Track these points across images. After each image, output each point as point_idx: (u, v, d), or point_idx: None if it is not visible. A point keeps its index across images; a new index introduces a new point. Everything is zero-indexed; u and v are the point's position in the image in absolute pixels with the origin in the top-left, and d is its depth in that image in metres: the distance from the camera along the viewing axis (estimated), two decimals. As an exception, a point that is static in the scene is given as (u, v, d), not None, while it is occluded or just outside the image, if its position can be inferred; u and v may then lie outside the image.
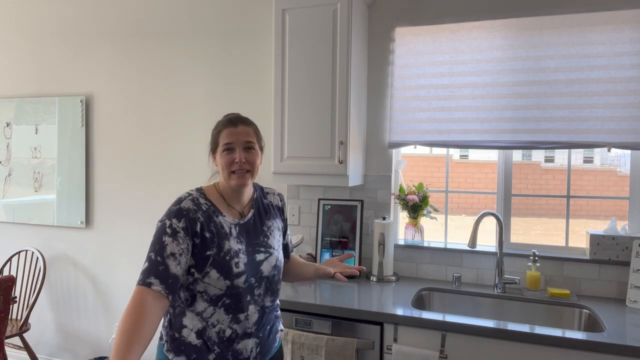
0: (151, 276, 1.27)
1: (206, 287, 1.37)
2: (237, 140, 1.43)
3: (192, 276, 1.37)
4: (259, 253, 1.46)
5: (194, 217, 1.36)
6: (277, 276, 1.51)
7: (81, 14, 3.16)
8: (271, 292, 1.50)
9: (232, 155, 1.43)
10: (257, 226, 1.50)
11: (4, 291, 2.59)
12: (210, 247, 1.37)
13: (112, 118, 3.10)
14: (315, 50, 2.27)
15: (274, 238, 1.53)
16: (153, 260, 1.29)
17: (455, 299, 2.26)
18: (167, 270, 1.29)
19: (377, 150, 2.55)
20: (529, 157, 12.46)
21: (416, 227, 2.50)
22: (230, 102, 2.80)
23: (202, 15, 2.86)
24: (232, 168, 1.42)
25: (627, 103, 2.12)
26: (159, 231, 1.34)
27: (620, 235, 2.16)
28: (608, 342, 1.62)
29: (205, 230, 1.37)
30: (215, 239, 1.38)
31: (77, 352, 3.25)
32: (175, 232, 1.32)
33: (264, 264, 1.46)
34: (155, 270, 1.28)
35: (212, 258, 1.36)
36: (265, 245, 1.49)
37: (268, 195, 1.60)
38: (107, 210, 3.13)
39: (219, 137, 1.45)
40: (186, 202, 1.39)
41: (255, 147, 1.46)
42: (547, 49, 2.22)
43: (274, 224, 1.55)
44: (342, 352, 1.89)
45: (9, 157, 3.37)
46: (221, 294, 1.38)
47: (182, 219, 1.34)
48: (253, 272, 1.42)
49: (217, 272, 1.36)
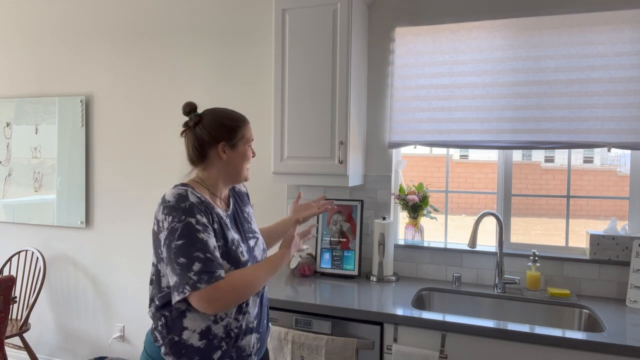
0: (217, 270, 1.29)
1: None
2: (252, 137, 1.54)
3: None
4: (250, 239, 1.51)
5: (204, 210, 1.36)
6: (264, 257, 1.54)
7: (81, 14, 3.16)
8: None
9: (251, 150, 1.52)
10: (240, 214, 1.54)
11: (4, 291, 2.59)
12: (218, 238, 1.37)
13: (112, 118, 3.10)
14: (315, 50, 2.27)
15: (255, 223, 1.60)
16: (203, 258, 1.28)
17: (455, 299, 2.26)
18: (219, 262, 1.32)
19: (377, 150, 2.55)
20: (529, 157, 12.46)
21: (416, 227, 2.50)
22: (231, 102, 2.80)
23: (202, 15, 2.86)
24: (249, 163, 1.54)
25: (627, 103, 2.12)
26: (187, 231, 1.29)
27: (620, 235, 2.16)
28: (608, 342, 1.62)
29: (212, 223, 1.38)
30: (221, 230, 1.39)
31: (77, 352, 3.25)
32: (205, 227, 1.33)
33: (256, 250, 1.51)
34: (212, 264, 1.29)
35: (221, 249, 1.37)
36: (252, 231, 1.54)
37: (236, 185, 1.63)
38: (107, 210, 3.13)
39: (243, 131, 1.48)
40: (191, 197, 1.36)
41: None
42: (547, 49, 2.22)
43: (249, 210, 1.61)
44: (342, 352, 1.89)
45: (9, 157, 3.37)
46: None
47: (199, 214, 1.34)
48: (252, 259, 1.47)
49: (227, 263, 1.37)
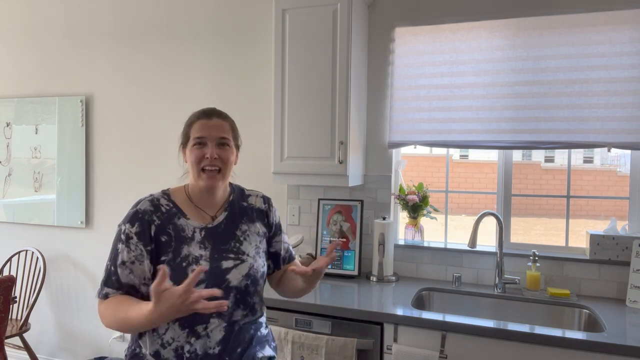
0: (105, 287, 1.24)
1: None
2: (209, 135, 1.30)
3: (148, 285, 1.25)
4: (226, 260, 1.30)
5: (148, 220, 1.26)
6: (252, 287, 1.32)
7: (81, 14, 3.16)
8: (244, 306, 1.31)
9: (202, 150, 1.30)
10: (229, 230, 1.35)
11: (4, 291, 2.59)
12: (166, 252, 1.25)
13: (112, 118, 3.10)
14: (315, 50, 2.27)
15: (249, 244, 1.36)
16: (108, 269, 1.26)
17: (455, 299, 2.26)
18: (119, 280, 1.24)
19: (377, 150, 2.55)
20: (529, 157, 12.46)
21: (416, 227, 2.50)
22: (230, 102, 2.80)
23: (202, 15, 2.86)
24: (202, 164, 1.29)
25: (627, 103, 2.12)
26: (115, 237, 1.28)
27: (620, 235, 2.16)
28: (608, 342, 1.62)
29: (162, 233, 1.26)
30: (172, 243, 1.26)
31: (77, 352, 3.25)
32: (128, 238, 1.25)
33: (232, 272, 1.29)
34: (109, 280, 1.25)
35: (167, 264, 1.24)
36: (237, 251, 1.32)
37: (249, 198, 1.45)
38: (107, 210, 3.13)
39: (190, 129, 1.32)
40: (143, 204, 1.29)
41: (230, 143, 1.34)
42: (547, 49, 2.22)
43: (251, 229, 1.39)
44: (342, 352, 1.89)
45: (9, 157, 3.37)
46: None
47: (136, 223, 1.26)
48: (216, 280, 1.26)
49: (170, 280, 1.21)
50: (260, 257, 1.37)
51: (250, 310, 1.33)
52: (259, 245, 1.39)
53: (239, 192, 1.46)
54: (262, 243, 1.41)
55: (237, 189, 1.47)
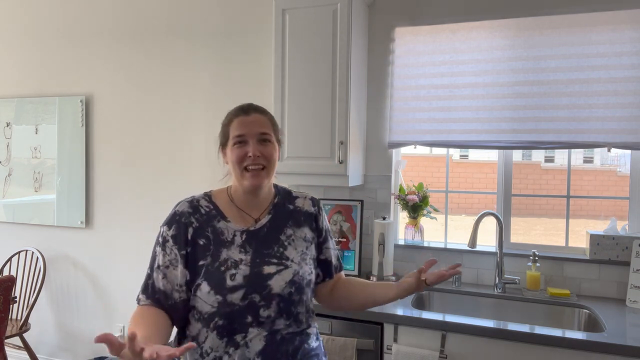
0: (141, 291, 1.20)
1: (199, 303, 1.18)
2: (249, 132, 1.22)
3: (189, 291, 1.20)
4: (268, 265, 1.21)
5: (185, 222, 1.21)
6: (297, 295, 1.22)
7: (81, 13, 3.16)
8: (287, 315, 1.20)
9: (244, 148, 1.22)
10: (272, 234, 1.26)
11: (4, 291, 2.59)
12: (204, 255, 1.19)
13: (112, 118, 3.10)
14: (315, 50, 2.27)
15: (294, 249, 1.27)
16: (147, 272, 1.22)
17: (455, 299, 2.26)
18: (154, 284, 1.19)
19: (377, 150, 2.55)
20: (529, 157, 12.46)
21: (416, 227, 2.50)
22: (230, 102, 2.80)
23: (202, 15, 2.86)
24: (244, 164, 1.22)
25: (627, 103, 2.12)
26: (156, 240, 1.24)
27: (620, 235, 2.16)
28: (608, 342, 1.62)
29: (200, 236, 1.21)
30: (210, 246, 1.20)
31: (77, 352, 3.25)
32: (165, 241, 1.21)
33: (274, 278, 1.19)
34: (145, 284, 1.20)
35: (205, 268, 1.18)
36: (280, 256, 1.24)
37: (297, 200, 1.36)
38: (107, 210, 3.13)
39: (229, 128, 1.25)
40: (182, 205, 1.25)
41: (271, 139, 1.25)
42: (547, 49, 2.22)
43: (297, 233, 1.30)
44: (342, 352, 1.89)
45: (9, 157, 3.37)
46: (213, 311, 1.16)
47: (173, 226, 1.21)
48: (256, 287, 1.17)
49: (207, 285, 1.16)
50: (307, 264, 1.27)
51: (295, 320, 1.22)
52: (305, 251, 1.28)
53: (284, 194, 1.36)
54: (310, 249, 1.31)
55: (282, 190, 1.38)
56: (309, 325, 1.27)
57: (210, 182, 2.86)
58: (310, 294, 1.28)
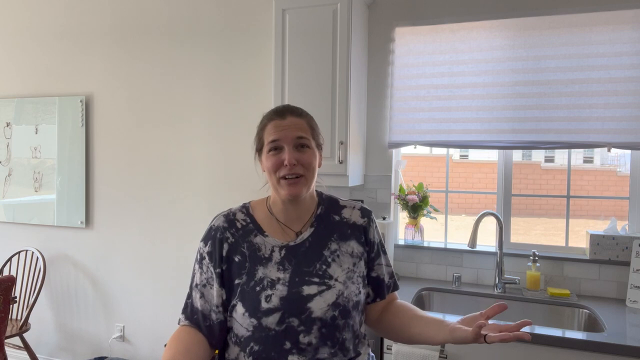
0: (181, 311, 1.15)
1: (235, 325, 1.09)
2: (285, 137, 1.10)
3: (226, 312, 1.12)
4: (309, 285, 1.08)
5: (221, 238, 1.13)
6: (342, 320, 1.08)
7: (81, 14, 3.16)
8: (332, 342, 1.07)
9: (279, 155, 1.11)
10: (314, 250, 1.13)
11: (4, 291, 2.59)
12: (240, 274, 1.10)
13: (112, 118, 3.10)
14: (315, 50, 2.27)
15: (339, 266, 1.12)
16: (188, 292, 1.15)
17: (455, 299, 2.26)
18: (192, 304, 1.13)
19: (377, 150, 2.55)
20: (529, 157, 12.46)
21: (416, 227, 2.50)
22: (230, 102, 2.80)
23: (202, 15, 2.86)
24: (281, 173, 1.11)
25: (627, 103, 2.12)
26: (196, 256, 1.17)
27: (620, 235, 2.16)
28: (608, 342, 1.62)
29: (236, 253, 1.11)
30: (246, 264, 1.10)
31: (77, 352, 3.25)
32: (202, 259, 1.14)
33: (314, 300, 1.06)
34: (185, 304, 1.15)
35: (241, 288, 1.09)
36: (323, 275, 1.10)
37: (344, 210, 1.22)
38: (107, 210, 3.13)
39: (263, 133, 1.14)
40: (217, 219, 1.16)
41: (309, 144, 1.13)
42: (547, 49, 2.22)
43: (344, 248, 1.16)
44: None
45: (9, 157, 3.37)
46: (248, 335, 1.07)
47: (209, 242, 1.14)
48: (295, 310, 1.05)
49: (242, 307, 1.07)
50: (353, 283, 1.12)
51: (340, 347, 1.08)
52: (352, 268, 1.14)
53: (329, 203, 1.23)
54: (358, 266, 1.16)
55: (327, 199, 1.24)
56: (358, 354, 1.12)
57: (209, 180, 2.86)
58: (358, 317, 1.14)
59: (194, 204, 2.91)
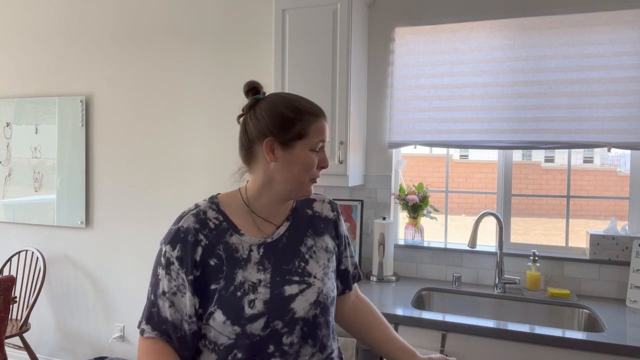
0: (144, 320, 1.03)
1: (213, 333, 1.02)
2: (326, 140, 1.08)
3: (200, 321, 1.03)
4: (290, 284, 1.05)
5: (193, 241, 1.02)
6: (322, 317, 1.07)
7: (81, 14, 3.16)
8: (313, 341, 1.06)
9: (320, 155, 1.07)
10: (292, 246, 1.09)
11: (4, 291, 2.59)
12: (217, 278, 1.01)
13: (112, 118, 3.10)
14: (315, 50, 2.27)
15: (316, 263, 1.10)
16: (148, 297, 1.04)
17: (455, 299, 2.26)
18: (159, 312, 1.02)
19: (377, 150, 2.55)
20: (529, 157, 12.46)
21: (416, 227, 2.50)
22: (231, 102, 2.80)
23: (202, 15, 2.86)
24: (315, 173, 1.07)
25: (627, 103, 2.12)
26: (155, 260, 1.05)
27: (620, 235, 2.16)
28: (608, 342, 1.62)
29: (211, 256, 1.02)
30: (223, 267, 1.02)
31: (77, 352, 3.25)
32: (169, 264, 1.02)
33: (297, 300, 1.04)
34: (148, 312, 1.03)
35: (218, 294, 1.01)
36: (302, 272, 1.07)
37: (314, 204, 1.19)
38: (107, 210, 3.13)
39: (306, 126, 1.04)
40: (186, 220, 1.05)
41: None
42: (547, 49, 2.22)
43: (318, 243, 1.13)
44: (342, 352, 1.89)
45: (9, 157, 3.37)
46: (230, 344, 1.00)
47: (178, 245, 1.02)
48: (279, 312, 1.02)
49: (222, 314, 1.00)
50: (329, 279, 1.11)
51: (321, 345, 1.07)
52: (327, 264, 1.13)
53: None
54: (332, 261, 1.15)
55: None
56: (332, 350, 1.12)
57: (210, 181, 2.86)
58: (333, 312, 1.13)
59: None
